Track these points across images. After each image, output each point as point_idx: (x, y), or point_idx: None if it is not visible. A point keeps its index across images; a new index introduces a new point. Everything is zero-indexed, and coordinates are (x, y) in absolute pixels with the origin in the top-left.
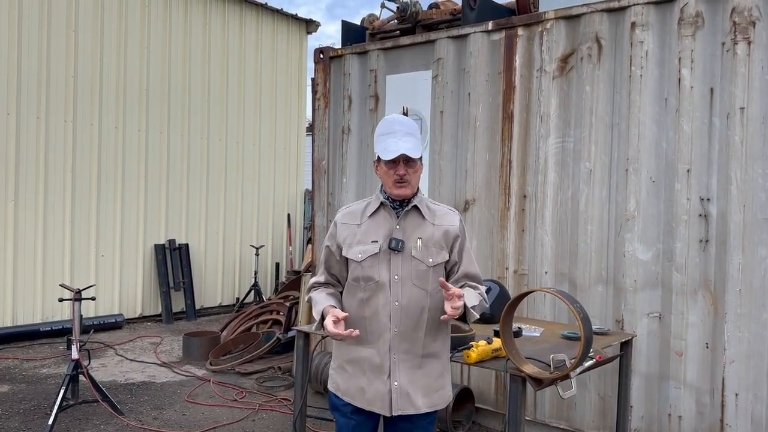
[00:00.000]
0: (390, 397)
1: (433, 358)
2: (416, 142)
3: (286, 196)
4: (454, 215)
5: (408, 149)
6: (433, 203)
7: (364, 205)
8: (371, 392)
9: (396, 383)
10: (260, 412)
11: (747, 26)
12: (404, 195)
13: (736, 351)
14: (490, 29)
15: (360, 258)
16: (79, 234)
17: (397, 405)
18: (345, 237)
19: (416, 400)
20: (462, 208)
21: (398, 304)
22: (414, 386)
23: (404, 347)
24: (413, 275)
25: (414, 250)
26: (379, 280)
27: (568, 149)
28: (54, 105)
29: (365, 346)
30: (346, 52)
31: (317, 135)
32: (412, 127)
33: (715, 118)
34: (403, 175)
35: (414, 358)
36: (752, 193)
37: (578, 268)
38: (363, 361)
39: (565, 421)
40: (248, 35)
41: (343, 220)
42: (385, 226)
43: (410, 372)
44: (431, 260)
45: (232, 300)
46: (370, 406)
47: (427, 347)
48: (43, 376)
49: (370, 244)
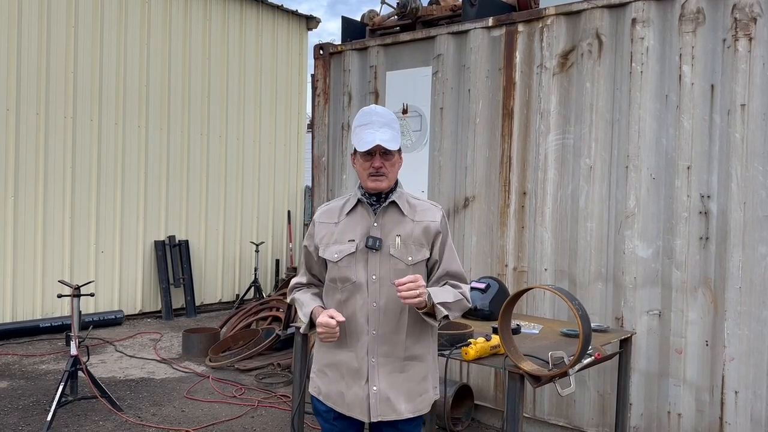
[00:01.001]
0: (368, 402)
1: (417, 360)
2: (394, 133)
3: (287, 192)
4: (436, 210)
5: (384, 140)
6: (414, 198)
7: (342, 203)
8: (350, 397)
9: (375, 388)
10: (259, 409)
11: (748, 22)
12: (380, 188)
13: (736, 349)
14: (491, 25)
15: (336, 258)
16: (78, 230)
17: (377, 411)
18: (322, 237)
19: (398, 405)
20: (462, 205)
21: (376, 305)
22: (396, 391)
23: (384, 350)
24: (392, 275)
25: (392, 249)
26: (356, 280)
27: (568, 146)
28: (53, 101)
29: (343, 349)
30: (346, 49)
31: (317, 131)
32: (389, 118)
33: (715, 115)
34: (378, 167)
35: (395, 361)
36: (753, 190)
37: (578, 266)
38: (341, 365)
39: (564, 418)
40: (248, 31)
41: (321, 219)
42: (363, 224)
43: (391, 376)
44: (410, 258)
45: (232, 297)
46: (349, 411)
47: (409, 350)
48: (42, 372)
49: (346, 243)
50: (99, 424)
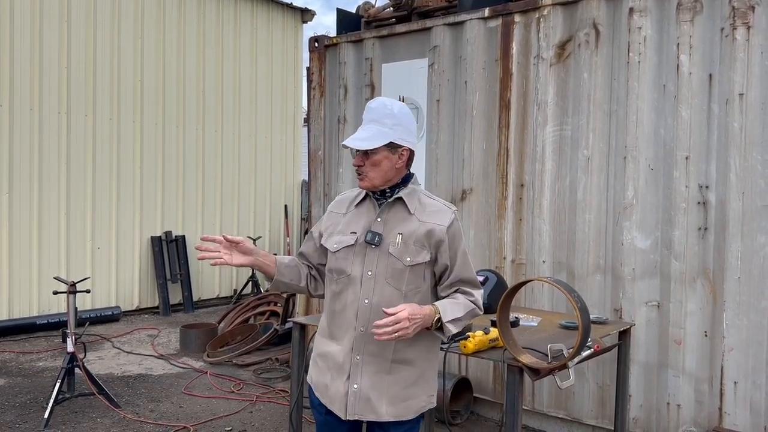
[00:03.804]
0: (347, 399)
1: (406, 364)
2: (379, 129)
3: (283, 187)
4: (447, 213)
5: (358, 138)
6: (428, 197)
7: (355, 194)
8: (332, 390)
9: (356, 386)
10: (257, 404)
11: (746, 11)
12: (364, 187)
13: (735, 339)
14: (487, 16)
15: (335, 248)
16: (74, 226)
17: (354, 409)
18: (328, 226)
19: (379, 407)
20: (459, 197)
21: (368, 302)
22: (378, 392)
23: (372, 349)
24: (388, 273)
25: (392, 247)
26: (350, 274)
27: (565, 137)
28: (47, 96)
29: (334, 341)
30: (342, 41)
31: (313, 125)
32: (382, 113)
33: (714, 105)
34: (359, 166)
35: (383, 362)
36: (751, 180)
37: (576, 257)
38: (329, 357)
39: (563, 410)
40: (243, 24)
41: (333, 208)
42: (366, 218)
43: (376, 376)
44: (409, 259)
45: (230, 292)
46: (331, 405)
47: (399, 352)
48: (39, 370)
49: (348, 235)
50: (97, 420)
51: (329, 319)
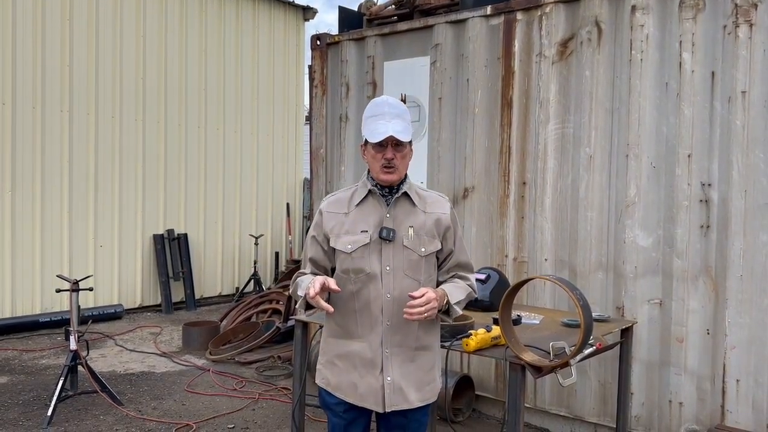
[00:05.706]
0: (383, 392)
1: (426, 350)
2: (405, 125)
3: (285, 185)
4: (445, 202)
5: (397, 131)
6: (422, 189)
7: (350, 193)
8: (363, 387)
9: (389, 378)
10: (260, 401)
11: (749, 8)
12: (391, 181)
13: (737, 337)
14: (489, 14)
15: (350, 249)
16: (77, 224)
17: (391, 400)
18: (332, 226)
19: (409, 395)
20: (461, 195)
21: (390, 296)
22: (407, 380)
23: (397, 340)
24: (405, 265)
25: (405, 240)
26: (370, 271)
27: (567, 135)
28: (50, 95)
29: (356, 339)
30: (343, 39)
31: (315, 123)
32: (401, 110)
33: (716, 102)
34: (390, 159)
35: (407, 351)
36: (754, 177)
37: (578, 255)
38: (354, 355)
39: (565, 408)
40: (245, 22)
41: (329, 209)
42: (375, 215)
43: (403, 366)
44: (423, 249)
45: (232, 290)
46: (362, 401)
47: (420, 339)
48: (42, 367)
49: (359, 234)
50: (100, 418)
51: (344, 318)
